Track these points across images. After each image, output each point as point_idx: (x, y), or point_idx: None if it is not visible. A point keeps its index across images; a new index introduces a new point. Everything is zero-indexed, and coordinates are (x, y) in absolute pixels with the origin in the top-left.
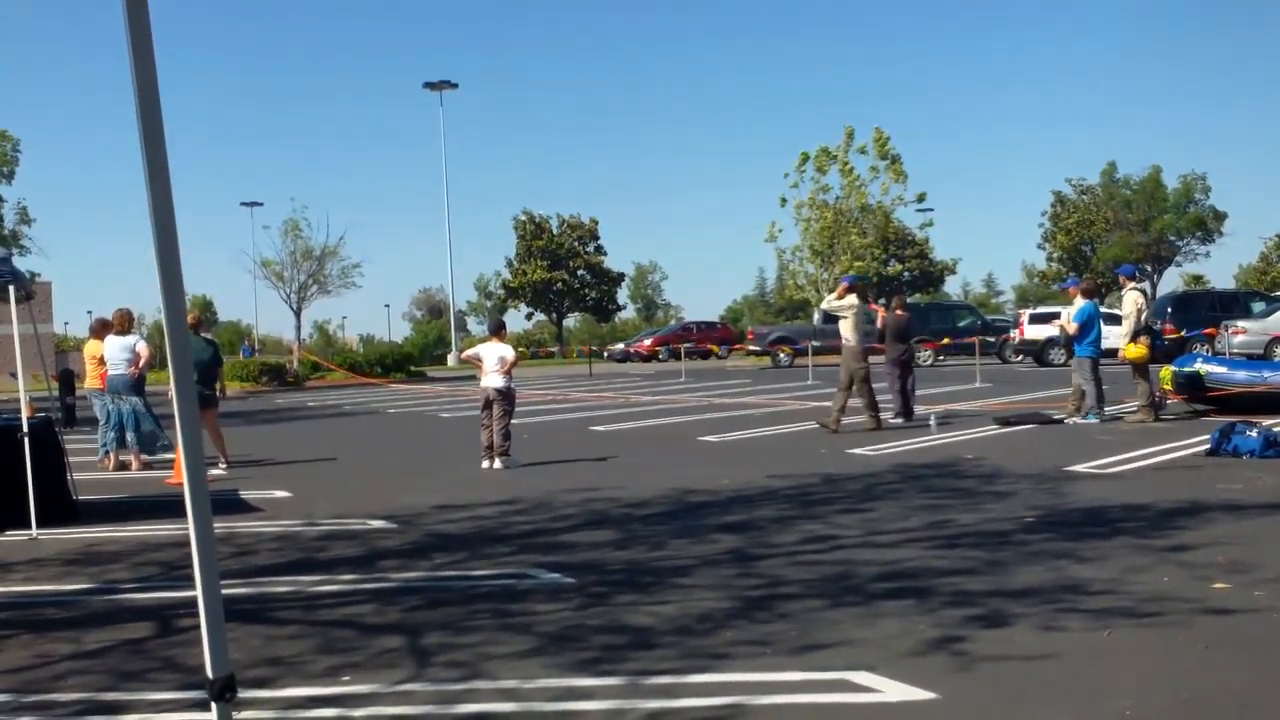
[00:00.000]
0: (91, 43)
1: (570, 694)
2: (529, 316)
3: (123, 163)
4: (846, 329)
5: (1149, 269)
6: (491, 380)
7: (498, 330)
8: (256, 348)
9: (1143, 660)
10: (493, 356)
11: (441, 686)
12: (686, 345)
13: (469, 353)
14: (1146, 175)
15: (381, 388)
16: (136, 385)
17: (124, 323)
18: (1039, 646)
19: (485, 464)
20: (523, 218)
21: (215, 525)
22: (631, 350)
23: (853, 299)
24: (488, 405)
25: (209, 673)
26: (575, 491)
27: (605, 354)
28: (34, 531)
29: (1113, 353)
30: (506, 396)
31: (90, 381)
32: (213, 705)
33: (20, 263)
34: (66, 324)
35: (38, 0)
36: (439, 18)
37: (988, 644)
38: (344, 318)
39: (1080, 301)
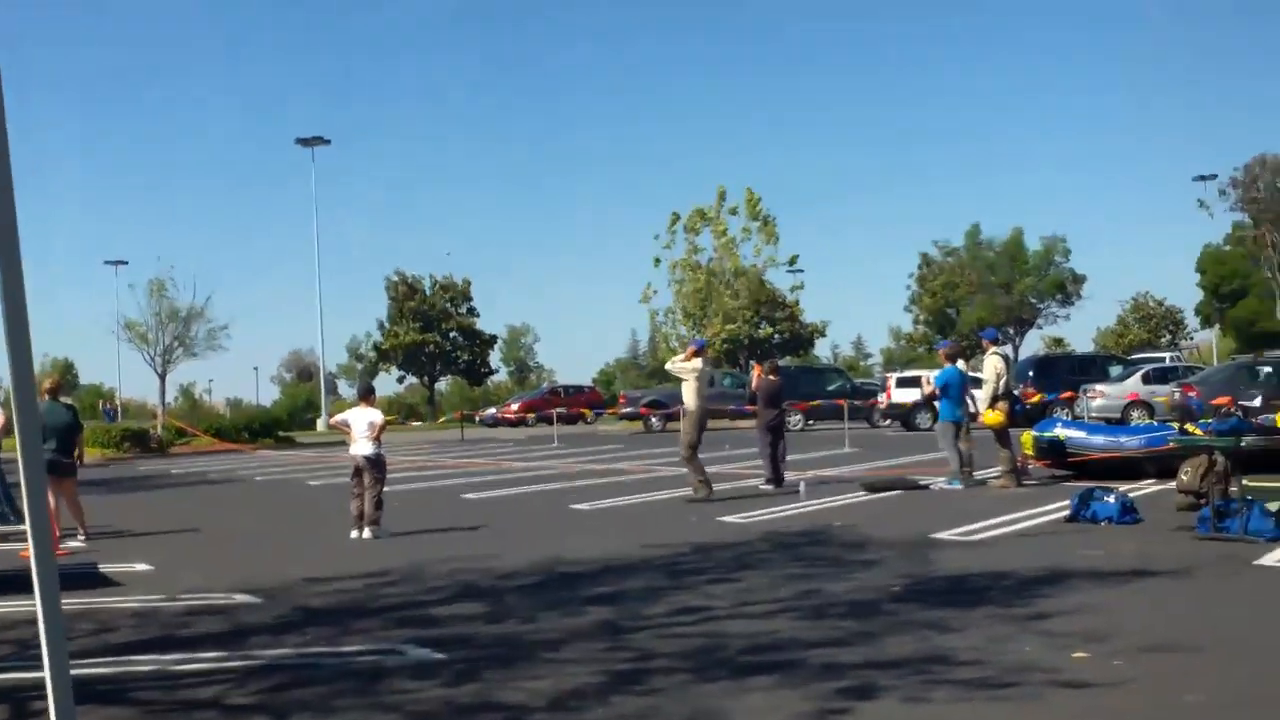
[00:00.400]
0: None
1: None
2: (400, 379)
3: None
4: (688, 393)
5: (1011, 331)
6: (361, 447)
7: (366, 395)
8: (117, 409)
9: None
10: (361, 422)
11: None
12: (556, 410)
13: (337, 419)
14: (1009, 237)
15: (249, 454)
16: None
17: None
18: (907, 718)
19: (354, 534)
20: (395, 278)
21: (72, 601)
22: (500, 415)
23: (697, 363)
24: (358, 473)
25: None
26: (446, 562)
27: (477, 419)
28: None
29: (975, 417)
30: (377, 464)
31: None
32: None
33: None
34: None
35: None
36: (310, 73)
37: (856, 716)
38: (210, 381)
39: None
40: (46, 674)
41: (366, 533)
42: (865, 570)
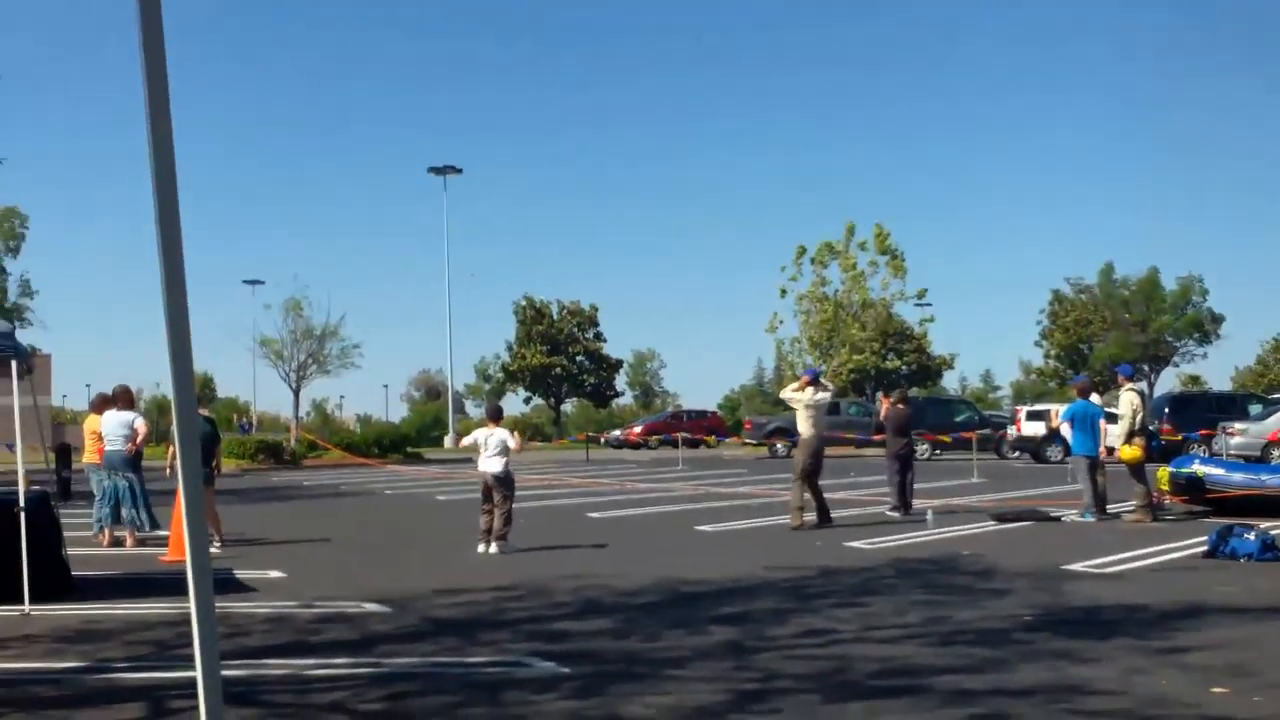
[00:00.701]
0: (94, 116)
1: None
2: (527, 400)
3: (123, 236)
4: (801, 421)
5: (1146, 369)
6: (489, 465)
7: (495, 416)
8: (252, 422)
9: None
10: (493, 441)
11: None
12: (681, 434)
13: (467, 441)
14: (1144, 276)
15: (378, 468)
16: (133, 462)
17: (124, 399)
18: None
19: (481, 548)
20: (523, 303)
21: None
22: (624, 437)
23: (809, 392)
24: (486, 490)
25: None
26: (571, 578)
27: (602, 440)
28: (26, 607)
29: (1110, 451)
30: (505, 481)
31: (88, 456)
32: None
33: (22, 336)
34: (65, 396)
35: (43, 77)
36: (442, 100)
37: None
38: (341, 397)
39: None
40: (199, 674)
41: (493, 547)
42: (995, 599)
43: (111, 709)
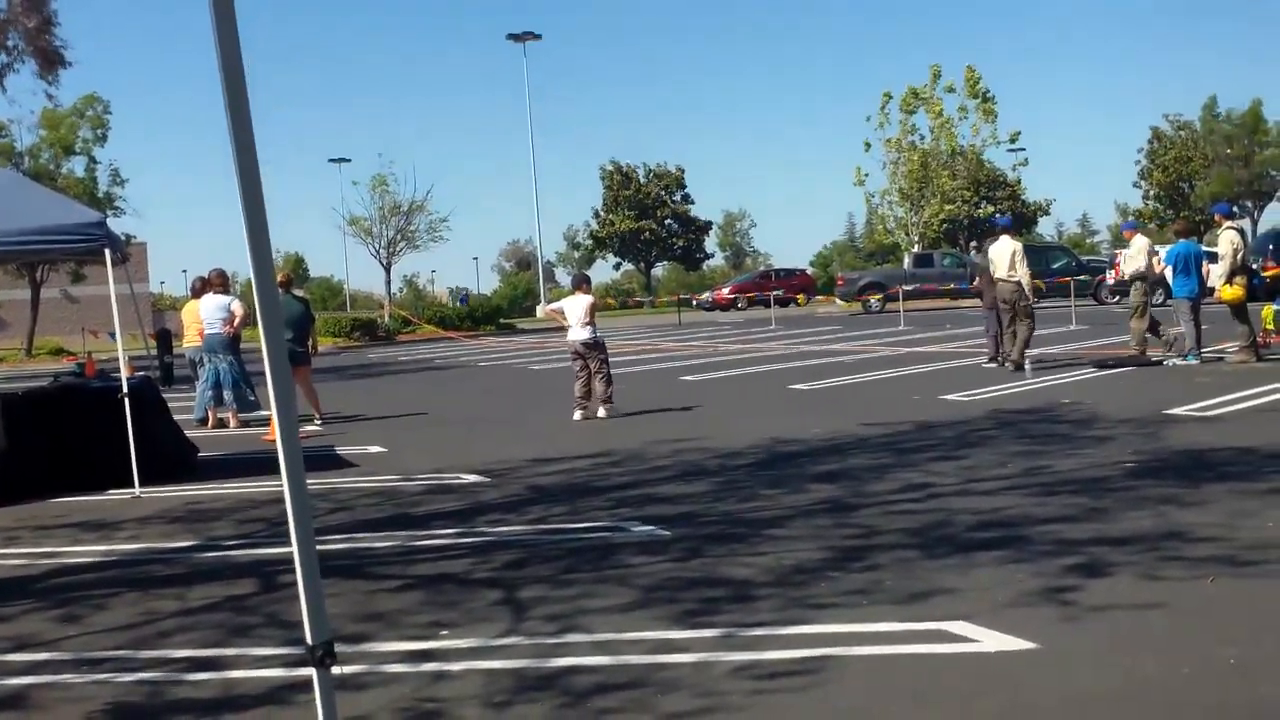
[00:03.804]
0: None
1: (664, 646)
2: (617, 266)
3: (212, 120)
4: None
5: (1250, 205)
6: (578, 333)
7: (581, 284)
8: (468, 294)
9: (1247, 609)
10: (578, 308)
11: (537, 640)
12: (774, 293)
13: (552, 307)
14: (1247, 110)
15: (472, 342)
16: (231, 344)
17: (219, 282)
18: (1141, 595)
19: (577, 415)
20: (609, 168)
21: (312, 482)
22: (713, 299)
23: (1001, 242)
24: (579, 358)
25: (309, 639)
26: (667, 443)
27: (694, 302)
28: (137, 490)
29: (1211, 292)
30: (596, 346)
31: (188, 340)
32: (313, 671)
33: (114, 224)
34: (163, 284)
35: None
36: None
37: (1088, 593)
38: (433, 271)
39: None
40: (294, 549)
41: (601, 411)
42: (1096, 446)
43: (224, 584)
